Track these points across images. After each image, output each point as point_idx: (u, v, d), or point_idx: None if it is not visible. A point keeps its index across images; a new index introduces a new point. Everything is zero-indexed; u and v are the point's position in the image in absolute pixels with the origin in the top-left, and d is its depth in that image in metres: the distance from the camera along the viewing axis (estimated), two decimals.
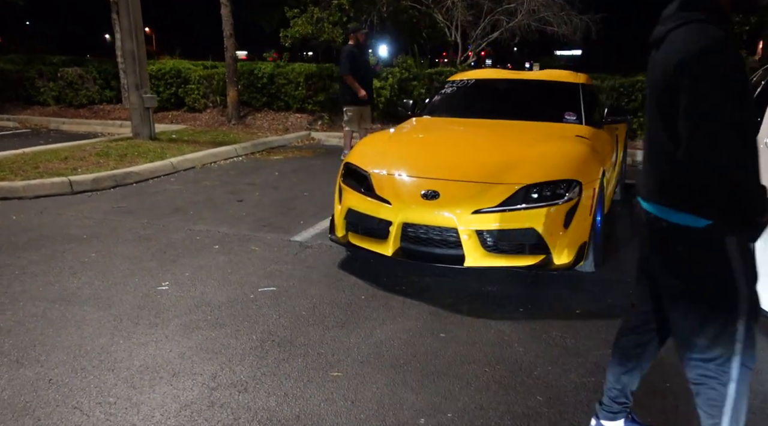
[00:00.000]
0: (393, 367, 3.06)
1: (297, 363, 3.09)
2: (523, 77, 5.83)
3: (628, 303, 3.85)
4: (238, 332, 3.43)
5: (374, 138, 4.99)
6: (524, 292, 4.03)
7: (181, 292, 4.01)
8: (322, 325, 3.54)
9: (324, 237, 5.16)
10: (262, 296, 3.95)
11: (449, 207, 3.88)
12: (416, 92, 10.90)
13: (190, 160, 8.30)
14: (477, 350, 3.23)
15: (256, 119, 12.11)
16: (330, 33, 11.03)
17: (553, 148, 4.35)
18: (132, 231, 5.33)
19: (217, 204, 6.29)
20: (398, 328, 3.49)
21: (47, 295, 3.92)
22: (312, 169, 8.30)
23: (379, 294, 3.99)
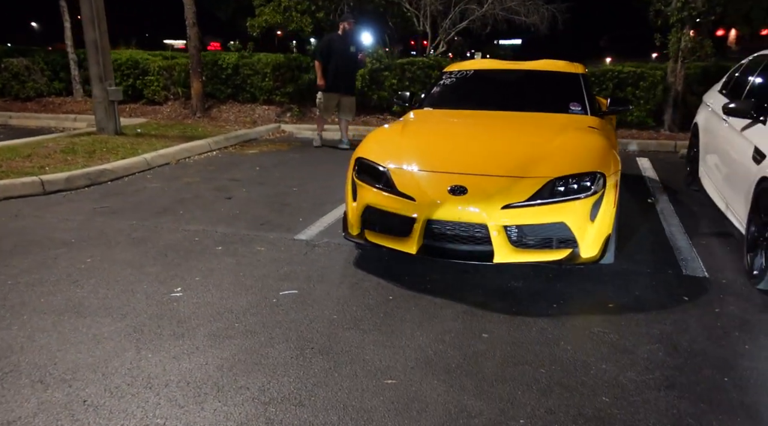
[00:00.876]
0: (446, 371, 2.96)
1: (345, 371, 2.96)
2: (522, 67, 5.78)
3: (655, 296, 3.87)
4: (273, 340, 3.26)
5: (384, 132, 4.85)
6: (551, 288, 3.99)
7: (197, 298, 3.80)
8: (358, 329, 3.40)
9: (330, 235, 5.00)
10: (286, 300, 3.78)
11: (478, 202, 3.79)
12: (388, 83, 10.77)
13: (163, 155, 7.95)
14: (525, 350, 3.16)
15: (221, 112, 11.72)
16: (298, 22, 10.74)
17: (574, 140, 4.32)
18: (123, 233, 5.04)
19: (205, 202, 6.02)
20: (438, 330, 3.39)
21: (52, 307, 3.64)
22: (292, 163, 8.08)
23: (406, 294, 3.88)
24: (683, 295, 3.85)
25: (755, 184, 4.13)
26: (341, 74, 8.69)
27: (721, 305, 3.71)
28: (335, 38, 8.75)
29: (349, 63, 8.76)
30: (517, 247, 3.81)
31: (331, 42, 8.71)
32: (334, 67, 8.64)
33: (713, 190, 5.49)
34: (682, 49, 9.50)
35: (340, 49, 8.64)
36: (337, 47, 8.64)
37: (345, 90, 8.85)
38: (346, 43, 8.72)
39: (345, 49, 8.69)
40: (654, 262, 4.44)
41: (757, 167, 4.18)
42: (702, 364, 3.01)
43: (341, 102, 8.91)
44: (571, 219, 3.80)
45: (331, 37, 8.83)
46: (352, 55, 8.81)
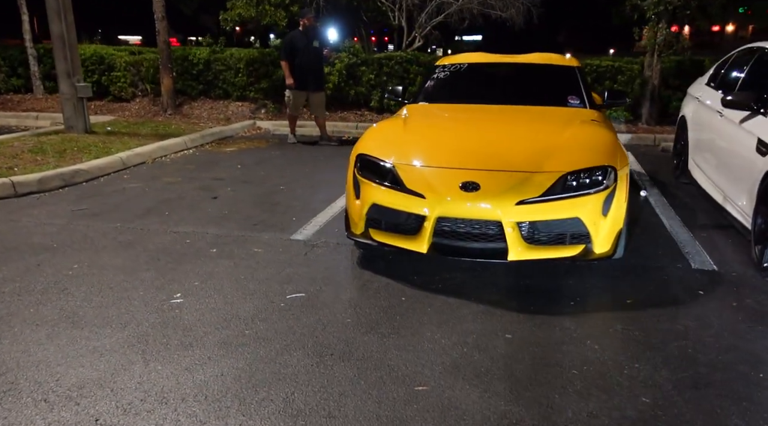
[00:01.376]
0: (476, 375, 2.84)
1: (371, 379, 2.81)
2: (516, 61, 5.69)
3: (670, 291, 3.82)
4: (289, 347, 3.09)
5: (385, 127, 4.69)
6: (564, 284, 3.91)
7: (199, 304, 3.60)
8: (376, 332, 3.25)
9: (327, 234, 4.83)
10: (294, 304, 3.60)
11: (492, 199, 3.67)
12: (365, 78, 10.60)
13: (139, 154, 7.63)
14: (553, 351, 3.06)
15: (193, 109, 11.38)
16: (272, 16, 10.47)
17: (582, 134, 4.24)
18: (108, 237, 4.78)
19: (191, 202, 5.78)
20: (459, 331, 3.26)
21: (44, 317, 3.40)
22: (274, 160, 7.85)
23: (418, 294, 3.75)
24: (697, 290, 3.81)
25: (762, 177, 4.11)
26: (307, 71, 8.52)
27: (737, 299, 3.68)
28: (297, 35, 8.56)
29: (314, 59, 8.58)
30: (530, 243, 3.71)
31: (294, 39, 8.53)
32: (300, 64, 8.47)
33: (707, 182, 5.50)
34: (659, 43, 9.57)
35: (303, 46, 8.46)
36: (301, 44, 8.46)
37: (313, 86, 8.67)
38: (309, 39, 8.53)
39: (308, 45, 8.50)
40: (661, 256, 4.41)
41: (763, 159, 4.17)
42: (734, 361, 2.96)
43: (310, 99, 8.75)
44: (585, 214, 3.72)
45: (294, 35, 8.62)
46: (317, 50, 8.62)
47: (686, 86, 9.95)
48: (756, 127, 4.45)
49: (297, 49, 8.45)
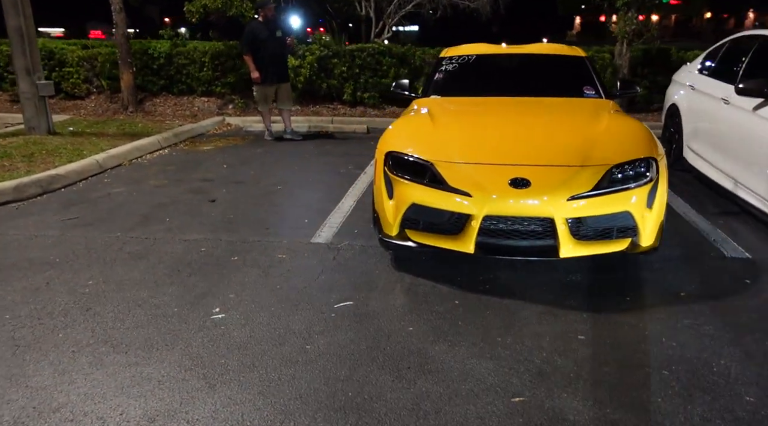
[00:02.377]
0: (569, 382, 2.73)
1: (463, 392, 2.66)
2: (526, 51, 5.60)
3: (717, 281, 3.81)
4: (360, 362, 2.90)
5: (409, 123, 4.51)
6: (612, 279, 3.85)
7: (243, 318, 3.35)
8: (445, 340, 3.10)
9: (348, 236, 4.63)
10: (345, 314, 3.41)
11: (543, 195, 3.56)
12: (337, 71, 10.35)
13: (114, 156, 7.19)
14: (633, 351, 2.99)
15: (155, 105, 10.85)
16: (238, 7, 10.06)
17: (618, 126, 4.18)
18: (112, 248, 4.44)
19: (188, 207, 5.45)
20: (529, 335, 3.15)
21: (77, 342, 3.10)
22: (259, 158, 7.54)
23: (470, 297, 3.61)
24: (744, 279, 3.82)
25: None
26: (272, 63, 8.20)
27: None
28: (259, 27, 8.19)
29: (278, 50, 8.25)
30: (579, 239, 3.63)
31: (256, 31, 8.15)
32: (265, 57, 8.13)
33: (711, 170, 5.57)
34: (628, 32, 9.71)
35: (266, 37, 8.11)
36: (263, 35, 8.11)
37: (279, 78, 8.36)
38: (271, 30, 8.18)
39: (271, 36, 8.16)
40: (690, 245, 4.42)
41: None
42: None
43: (278, 91, 8.44)
44: (634, 207, 3.66)
45: (255, 26, 8.24)
46: (280, 40, 8.29)
47: (654, 74, 10.22)
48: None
49: (260, 41, 8.10)
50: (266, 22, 8.12)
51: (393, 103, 10.51)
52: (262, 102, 8.47)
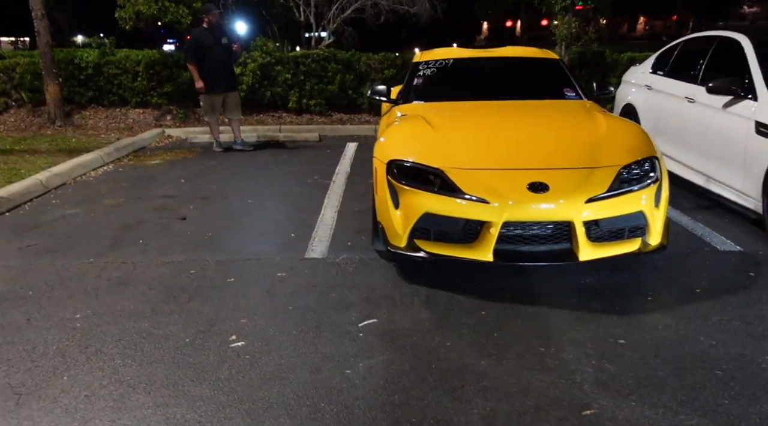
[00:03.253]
0: (630, 390, 2.68)
1: (530, 407, 2.56)
2: (500, 55, 5.59)
3: (724, 276, 3.90)
4: (413, 385, 2.75)
5: (407, 130, 4.35)
6: (623, 279, 3.87)
7: (266, 345, 3.12)
8: (489, 354, 2.99)
9: (342, 249, 4.44)
10: (372, 332, 3.24)
11: (562, 198, 3.53)
12: (281, 78, 10.05)
13: (58, 174, 6.63)
14: (678, 351, 2.99)
15: (85, 118, 10.17)
16: (174, 13, 9.58)
17: (614, 127, 4.21)
18: (91, 276, 4.05)
19: (158, 226, 5.09)
20: (570, 342, 3.09)
21: (89, 385, 2.78)
22: (216, 171, 7.17)
23: (495, 307, 3.52)
24: (747, 272, 3.93)
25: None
26: (219, 71, 7.81)
27: None
28: (203, 33, 7.80)
29: (224, 57, 7.86)
30: (594, 241, 3.62)
31: (200, 38, 7.76)
32: (210, 65, 7.75)
33: (678, 166, 5.75)
34: (568, 35, 10.00)
35: (211, 44, 7.73)
36: (208, 42, 7.72)
37: (227, 87, 7.97)
38: (216, 37, 7.81)
39: (216, 43, 7.78)
40: (681, 241, 4.51)
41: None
42: None
43: (225, 100, 8.06)
44: (645, 207, 3.69)
45: (199, 33, 7.85)
46: (226, 47, 7.91)
47: (590, 76, 10.54)
48: (747, 111, 4.69)
49: (205, 48, 7.72)
50: (211, 28, 7.74)
51: (340, 110, 10.33)
52: (210, 112, 8.08)
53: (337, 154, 8.06)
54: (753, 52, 5.04)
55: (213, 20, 7.76)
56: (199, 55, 7.66)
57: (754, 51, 5.04)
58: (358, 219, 5.14)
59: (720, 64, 5.53)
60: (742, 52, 5.16)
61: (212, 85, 7.81)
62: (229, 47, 7.92)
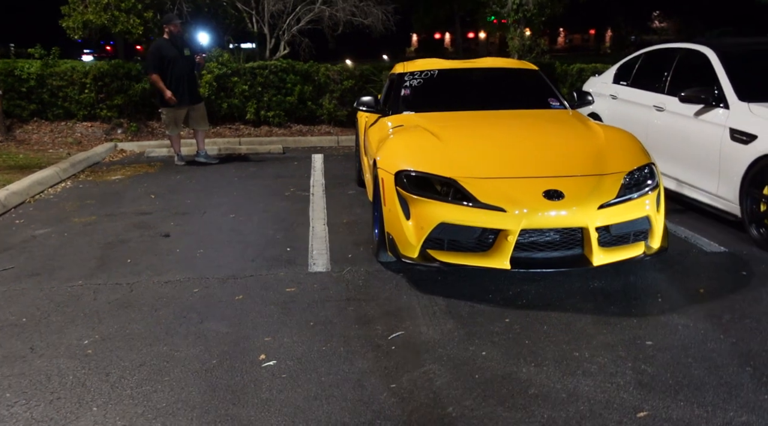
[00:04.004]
0: (676, 390, 2.74)
1: (584, 412, 2.59)
2: (483, 65, 5.69)
3: (720, 276, 4.08)
4: (462, 397, 2.73)
5: (411, 140, 4.33)
6: (628, 283, 3.97)
7: (300, 363, 3.04)
8: (528, 362, 3.01)
9: (344, 261, 4.39)
10: (403, 344, 3.21)
11: (577, 205, 3.62)
12: (238, 89, 9.85)
13: (16, 192, 6.26)
14: (706, 351, 3.08)
15: (28, 133, 9.65)
16: (125, 23, 9.22)
17: (613, 134, 4.34)
18: (86, 299, 3.85)
19: (143, 245, 4.88)
20: (601, 346, 3.15)
21: (127, 415, 2.63)
22: (185, 185, 6.95)
23: (517, 313, 3.55)
24: (740, 271, 4.13)
25: (750, 163, 4.58)
26: (182, 83, 7.58)
27: None
28: (164, 45, 7.58)
29: (187, 69, 7.64)
30: (604, 247, 3.73)
31: (162, 49, 7.53)
32: (173, 77, 7.51)
33: None
34: (519, 48, 10.28)
35: (173, 56, 7.51)
36: (170, 54, 7.50)
37: (191, 99, 7.75)
38: (178, 47, 7.60)
39: (179, 54, 7.57)
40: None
41: (746, 147, 4.65)
42: None
43: (190, 113, 7.84)
44: (650, 212, 3.84)
45: (160, 44, 7.62)
46: (189, 58, 7.68)
47: None
48: (721, 119, 4.95)
49: (167, 60, 7.49)
50: (172, 39, 7.51)
51: (300, 122, 10.23)
52: (172, 125, 7.81)
53: (306, 166, 7.97)
54: (720, 63, 5.33)
55: (174, 31, 7.52)
56: (160, 66, 7.40)
57: (721, 62, 5.33)
58: (350, 231, 5.10)
59: (686, 75, 5.81)
60: (708, 63, 5.44)
61: (176, 97, 7.55)
62: (192, 58, 7.70)
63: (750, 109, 4.81)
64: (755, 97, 4.91)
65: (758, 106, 4.79)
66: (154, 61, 7.49)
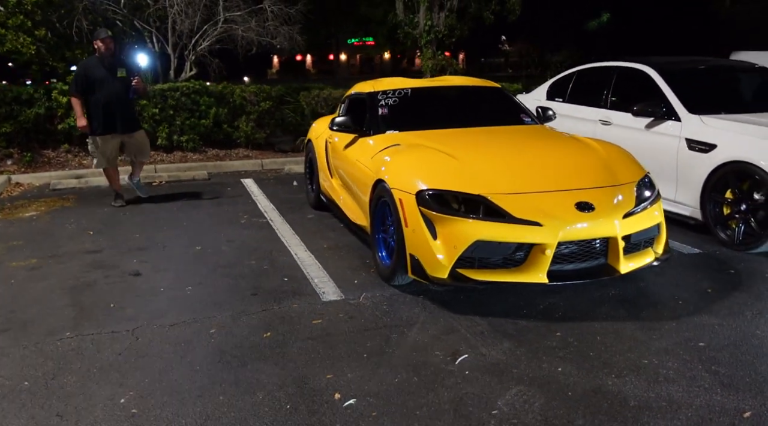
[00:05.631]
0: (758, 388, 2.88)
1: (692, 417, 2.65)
2: (452, 83, 5.73)
3: (712, 275, 4.37)
4: (560, 419, 2.68)
5: (422, 159, 4.19)
6: (640, 289, 4.13)
7: (380, 399, 2.85)
8: (606, 374, 3.03)
9: (354, 288, 4.21)
10: (474, 367, 3.11)
11: (607, 215, 3.74)
12: (147, 113, 9.14)
13: None
14: (755, 346, 3.26)
15: None
16: (13, 41, 8.24)
17: (606, 147, 4.50)
18: (87, 355, 3.37)
19: (117, 286, 4.37)
20: (661, 351, 3.24)
21: None
22: (124, 219, 6.29)
23: (565, 327, 3.56)
24: (727, 270, 4.44)
25: (711, 171, 4.99)
26: (112, 108, 6.57)
27: None
28: (92, 64, 6.65)
29: (118, 92, 6.62)
30: (625, 254, 3.85)
31: (88, 69, 6.59)
32: (102, 101, 6.52)
33: None
34: (432, 68, 10.55)
35: (101, 77, 6.54)
36: (98, 74, 6.54)
37: (123, 127, 6.71)
38: (111, 68, 6.64)
39: (109, 75, 6.59)
40: None
41: (706, 156, 5.06)
42: None
43: (127, 143, 6.85)
44: (660, 219, 4.05)
45: (87, 64, 6.73)
46: (123, 80, 6.67)
47: None
48: (675, 130, 5.36)
49: (95, 81, 6.51)
50: (101, 58, 6.55)
51: (216, 146, 9.72)
52: (101, 158, 6.75)
53: (241, 191, 7.58)
54: (663, 80, 5.77)
55: (103, 48, 6.53)
56: (86, 88, 6.49)
57: (663, 79, 5.78)
58: (338, 256, 4.89)
59: (627, 91, 6.24)
60: (650, 80, 5.88)
61: (103, 125, 6.57)
62: (127, 81, 6.67)
63: (702, 120, 5.24)
64: (701, 109, 5.37)
65: (709, 118, 5.24)
66: (78, 81, 6.53)
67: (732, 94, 5.98)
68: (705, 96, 5.71)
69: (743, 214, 4.84)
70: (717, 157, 4.98)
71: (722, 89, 6.06)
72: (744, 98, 6.00)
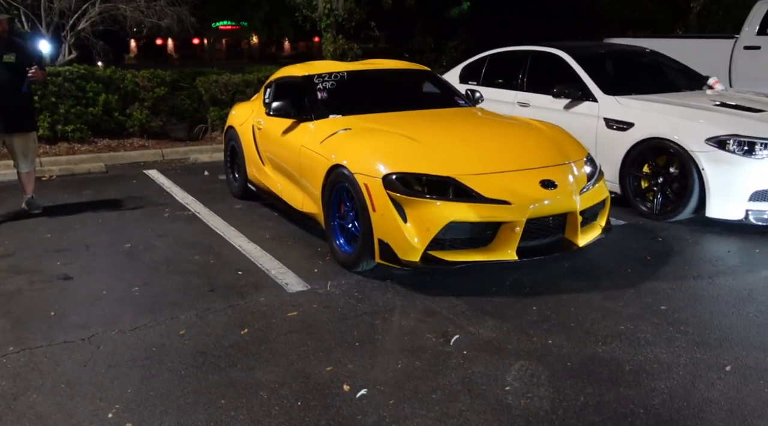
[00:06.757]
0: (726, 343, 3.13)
1: (702, 378, 2.84)
2: (386, 67, 5.66)
3: (674, 243, 4.69)
4: (584, 384, 2.79)
5: (384, 142, 4.12)
6: (590, 260, 4.36)
7: (388, 387, 2.81)
8: (593, 343, 3.18)
9: (317, 278, 4.08)
10: (470, 347, 3.14)
11: (568, 192, 3.91)
12: None
13: None
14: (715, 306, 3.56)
15: None
16: None
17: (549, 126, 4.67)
18: (48, 369, 3.02)
19: (50, 292, 3.94)
20: (632, 317, 3.45)
21: None
22: (28, 221, 5.64)
23: (539, 301, 3.66)
24: (656, 238, 4.79)
25: (630, 147, 5.36)
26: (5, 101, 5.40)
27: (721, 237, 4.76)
28: None
29: (8, 83, 5.39)
30: (580, 228, 4.05)
31: None
32: None
33: None
34: (333, 51, 10.42)
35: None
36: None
37: (9, 126, 5.53)
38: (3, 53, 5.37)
39: (4, 63, 5.36)
40: None
41: (624, 133, 5.42)
42: None
43: (8, 143, 5.65)
44: (607, 194, 4.29)
45: None
46: (12, 68, 5.42)
47: None
48: (593, 110, 5.70)
49: None
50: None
51: (106, 136, 8.97)
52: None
53: (149, 184, 7.08)
54: (577, 64, 6.10)
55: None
56: None
57: (577, 63, 6.11)
58: (286, 246, 4.73)
59: (541, 74, 6.53)
60: (565, 63, 6.20)
61: None
62: (19, 68, 5.43)
63: (618, 101, 5.61)
64: (615, 91, 5.75)
65: (624, 98, 5.61)
66: None
67: (637, 76, 6.43)
68: (615, 78, 6.13)
69: (660, 187, 5.24)
70: (635, 134, 5.35)
71: (628, 72, 6.51)
72: (648, 79, 6.47)
